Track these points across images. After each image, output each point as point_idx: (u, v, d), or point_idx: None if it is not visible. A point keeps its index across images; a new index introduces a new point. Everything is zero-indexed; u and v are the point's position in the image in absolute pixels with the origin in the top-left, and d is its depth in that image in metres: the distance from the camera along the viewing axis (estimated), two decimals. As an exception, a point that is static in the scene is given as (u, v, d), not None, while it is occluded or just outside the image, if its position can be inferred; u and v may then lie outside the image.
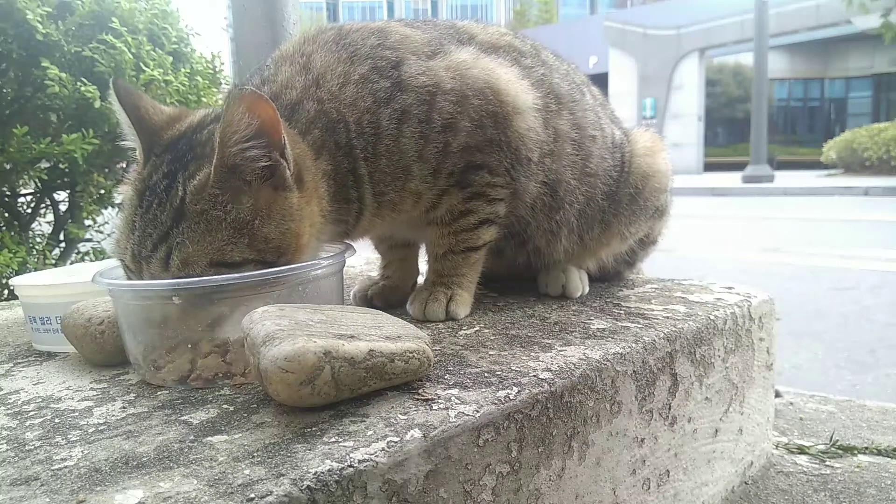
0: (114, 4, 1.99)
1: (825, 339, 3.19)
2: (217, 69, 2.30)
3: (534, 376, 0.82)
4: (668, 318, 1.10)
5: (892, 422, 1.59)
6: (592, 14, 35.76)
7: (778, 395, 1.73)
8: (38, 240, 2.27)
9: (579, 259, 1.33)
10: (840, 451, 1.40)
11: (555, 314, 1.14)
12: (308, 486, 0.58)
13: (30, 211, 2.26)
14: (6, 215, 2.18)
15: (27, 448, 0.69)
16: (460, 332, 1.03)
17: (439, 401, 0.74)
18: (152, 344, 0.87)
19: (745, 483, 1.25)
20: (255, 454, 0.63)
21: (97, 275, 0.90)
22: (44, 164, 2.07)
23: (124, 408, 0.79)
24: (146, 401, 0.81)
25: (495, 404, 0.74)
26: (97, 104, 1.86)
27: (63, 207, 2.27)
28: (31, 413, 0.80)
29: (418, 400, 0.75)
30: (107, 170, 2.19)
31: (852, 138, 15.03)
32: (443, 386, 0.79)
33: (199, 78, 2.18)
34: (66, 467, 0.64)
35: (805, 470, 1.32)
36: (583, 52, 21.13)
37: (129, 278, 0.90)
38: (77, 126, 1.94)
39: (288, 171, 0.89)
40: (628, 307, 1.18)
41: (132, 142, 0.96)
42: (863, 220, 7.77)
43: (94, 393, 0.86)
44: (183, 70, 2.14)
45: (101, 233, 2.54)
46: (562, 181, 1.19)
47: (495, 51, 1.15)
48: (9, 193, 2.18)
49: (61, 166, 2.08)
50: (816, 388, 1.97)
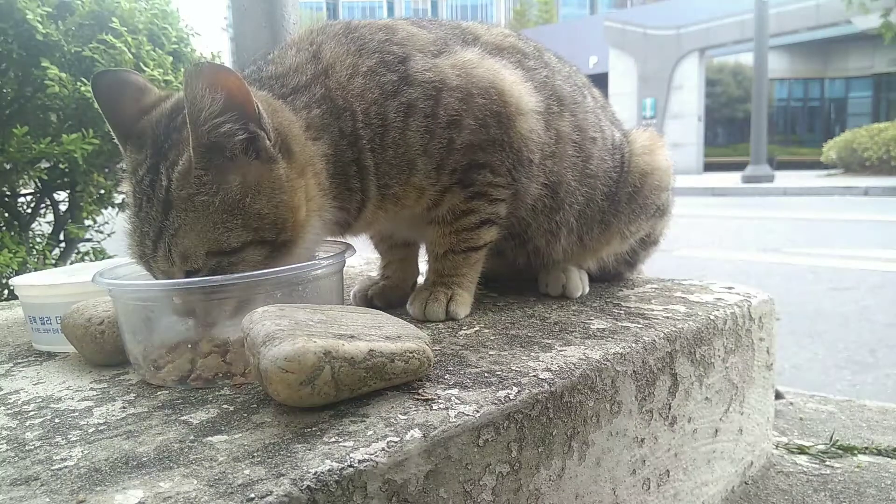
0: (114, 4, 1.99)
1: (825, 339, 3.19)
2: (217, 69, 2.29)
3: (534, 376, 0.82)
4: (668, 318, 1.10)
5: (892, 422, 1.59)
6: (592, 14, 35.78)
7: (779, 396, 1.72)
8: (38, 240, 2.27)
9: (579, 259, 1.33)
10: (840, 451, 1.40)
11: (555, 314, 1.14)
12: (308, 486, 0.58)
13: (30, 211, 2.26)
14: (6, 215, 2.18)
15: (27, 448, 0.69)
16: (460, 332, 1.03)
17: (439, 401, 0.74)
18: (161, 343, 0.87)
19: (745, 483, 1.25)
20: (255, 454, 0.63)
21: (97, 275, 0.90)
22: (44, 164, 2.07)
23: (124, 408, 0.79)
24: (146, 401, 0.81)
25: (495, 404, 0.74)
26: (97, 104, 1.86)
27: (63, 207, 2.27)
28: (31, 413, 0.80)
29: (418, 400, 0.75)
30: (107, 170, 2.19)
31: (852, 138, 15.02)
32: (443, 386, 0.79)
33: (199, 78, 2.17)
34: (66, 467, 0.64)
35: (805, 470, 1.32)
36: (583, 53, 21.14)
37: (157, 278, 0.90)
38: (77, 126, 1.94)
39: (268, 140, 0.87)
40: (628, 307, 1.18)
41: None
42: (863, 220, 7.77)
43: (94, 393, 0.85)
44: (183, 70, 2.14)
45: (101, 233, 2.54)
46: (562, 182, 1.20)
47: (499, 52, 1.16)
48: (9, 193, 2.18)
49: (61, 166, 2.08)
50: (816, 388, 1.97)
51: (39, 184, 2.18)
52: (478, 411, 0.72)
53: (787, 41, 20.74)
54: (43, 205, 2.27)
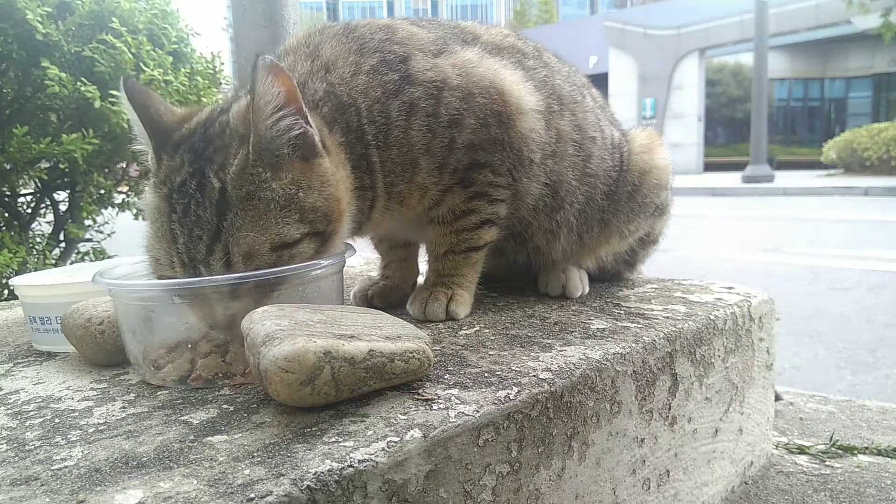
0: (114, 4, 1.99)
1: (825, 339, 3.19)
2: (217, 69, 2.30)
3: (534, 376, 0.82)
4: (668, 318, 1.10)
5: (892, 422, 1.59)
6: (592, 14, 35.81)
7: (778, 397, 1.72)
8: (38, 240, 2.27)
9: (579, 258, 1.33)
10: (840, 451, 1.40)
11: (555, 314, 1.14)
12: (308, 486, 0.58)
13: (30, 211, 2.26)
14: (6, 215, 2.18)
15: (27, 448, 0.69)
16: (460, 332, 1.03)
17: (439, 401, 0.74)
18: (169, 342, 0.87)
19: (745, 483, 1.25)
20: (255, 454, 0.63)
21: (97, 275, 0.90)
22: (44, 164, 2.07)
23: (124, 408, 0.79)
24: (146, 401, 0.81)
25: (495, 404, 0.74)
26: (97, 104, 1.86)
27: (63, 207, 2.27)
28: (31, 413, 0.80)
29: (418, 400, 0.75)
30: (107, 170, 2.20)
31: (852, 138, 15.03)
32: (443, 386, 0.79)
33: (199, 78, 2.18)
34: (66, 467, 0.64)
35: (805, 470, 1.32)
36: (583, 52, 21.15)
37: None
38: (77, 126, 1.94)
39: (316, 136, 0.90)
40: (628, 307, 1.18)
41: (143, 143, 0.95)
42: (863, 220, 7.77)
43: (94, 393, 0.86)
44: (183, 70, 2.14)
45: (101, 233, 2.55)
46: (563, 182, 1.20)
47: (499, 52, 1.16)
48: (9, 193, 2.18)
49: (61, 166, 2.08)
50: (816, 388, 1.97)
51: (39, 184, 2.18)
52: (478, 411, 0.72)
53: (787, 41, 20.74)
54: (43, 205, 2.28)
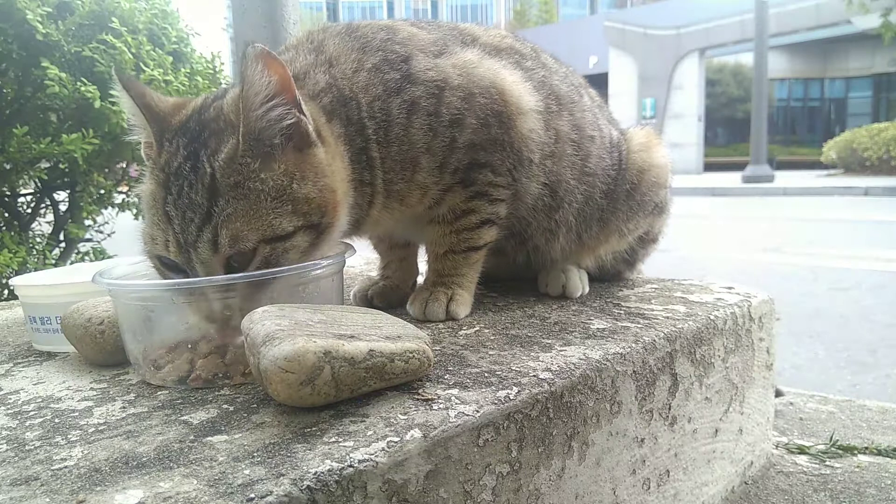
0: (114, 4, 1.99)
1: (825, 339, 3.19)
2: (217, 69, 2.30)
3: (534, 376, 0.82)
4: (668, 318, 1.10)
5: (892, 422, 1.59)
6: (592, 14, 35.77)
7: (779, 393, 1.72)
8: (38, 240, 2.27)
9: (578, 257, 1.33)
10: (840, 451, 1.40)
11: (555, 314, 1.14)
12: (308, 486, 0.58)
13: (30, 211, 2.26)
14: (6, 215, 2.18)
15: (27, 448, 0.69)
16: (460, 332, 1.03)
17: (439, 401, 0.74)
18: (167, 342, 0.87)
19: (745, 483, 1.25)
20: (255, 454, 0.63)
21: (97, 275, 0.90)
22: (44, 164, 2.07)
23: (124, 408, 0.79)
24: (146, 401, 0.81)
25: (495, 404, 0.74)
26: (97, 104, 1.86)
27: (63, 207, 2.27)
28: (31, 413, 0.80)
29: (418, 400, 0.75)
30: (107, 170, 2.19)
31: (852, 138, 15.02)
32: (443, 386, 0.79)
33: (199, 78, 2.18)
34: (66, 467, 0.64)
35: (805, 470, 1.32)
36: (583, 52, 21.15)
37: (165, 276, 0.89)
38: (77, 126, 1.94)
39: (310, 125, 0.89)
40: (628, 307, 1.18)
41: (141, 131, 0.94)
42: (863, 220, 7.77)
43: (94, 393, 0.85)
44: (183, 70, 2.14)
45: (101, 233, 2.55)
46: (562, 181, 1.20)
47: (497, 53, 1.17)
48: (9, 193, 2.18)
49: (61, 166, 2.08)
50: (816, 388, 1.97)
51: (39, 184, 2.18)
52: (478, 411, 0.72)
53: (787, 41, 20.73)
54: (43, 205, 2.28)
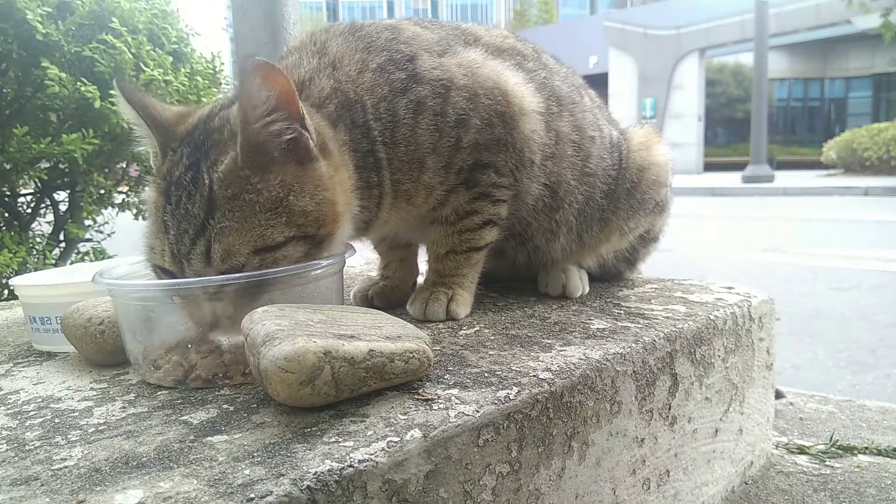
0: (114, 4, 1.99)
1: (825, 339, 3.19)
2: (217, 69, 2.30)
3: (534, 376, 0.82)
4: (668, 318, 1.10)
5: (892, 422, 1.59)
6: (592, 14, 35.79)
7: (780, 395, 1.72)
8: (38, 240, 2.27)
9: (579, 257, 1.33)
10: (840, 451, 1.40)
11: (555, 314, 1.14)
12: (308, 486, 0.58)
13: (30, 211, 2.26)
14: (6, 215, 2.18)
15: (27, 448, 0.69)
16: (460, 332, 1.03)
17: (439, 401, 0.74)
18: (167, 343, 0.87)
19: (745, 483, 1.25)
20: (255, 454, 0.63)
21: (97, 275, 0.90)
22: (44, 164, 2.07)
23: (124, 408, 0.79)
24: (146, 401, 0.81)
25: (495, 404, 0.74)
26: (97, 104, 1.86)
27: (63, 207, 2.27)
28: (31, 413, 0.80)
29: (418, 400, 0.75)
30: (107, 170, 2.19)
31: (852, 138, 15.02)
32: (443, 386, 0.79)
33: (199, 78, 2.18)
34: (66, 467, 0.64)
35: (805, 470, 1.32)
36: (583, 52, 21.14)
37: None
38: (77, 126, 1.94)
39: (311, 141, 0.88)
40: (628, 307, 1.18)
41: (146, 141, 0.94)
42: (863, 220, 7.77)
43: (94, 393, 0.85)
44: (183, 70, 2.14)
45: (101, 233, 2.54)
46: (562, 182, 1.20)
47: (500, 54, 1.17)
48: (9, 193, 2.18)
49: (61, 166, 2.08)
50: (816, 388, 1.97)
51: (39, 184, 2.18)
52: (478, 411, 0.72)
53: (787, 41, 20.72)
54: (43, 205, 2.27)
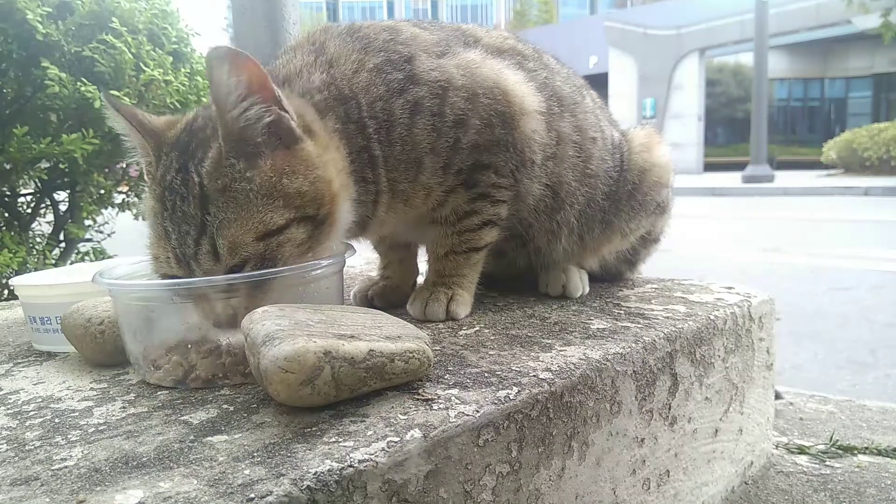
0: (114, 4, 1.99)
1: (825, 339, 3.19)
2: (217, 69, 2.29)
3: (534, 376, 0.82)
4: (668, 318, 1.10)
5: (892, 422, 1.59)
6: (592, 14, 35.75)
7: (778, 396, 1.72)
8: (38, 240, 2.27)
9: (580, 258, 1.33)
10: (840, 451, 1.40)
11: (555, 314, 1.14)
12: (308, 486, 0.58)
13: (30, 211, 2.26)
14: (6, 215, 2.18)
15: (27, 448, 0.69)
16: (460, 332, 1.03)
17: (439, 401, 0.74)
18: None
19: (745, 483, 1.25)
20: (255, 454, 0.63)
21: (97, 275, 0.90)
22: (44, 164, 2.07)
23: (124, 408, 0.79)
24: (146, 401, 0.81)
25: (495, 404, 0.74)
26: (97, 104, 1.86)
27: (63, 207, 2.27)
28: (31, 413, 0.80)
29: (418, 400, 0.75)
30: (107, 170, 2.19)
31: (852, 138, 15.01)
32: (443, 386, 0.79)
33: (199, 78, 2.18)
34: (66, 467, 0.64)
35: (805, 470, 1.32)
36: (583, 52, 21.14)
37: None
38: (77, 126, 1.94)
39: (293, 121, 0.88)
40: (628, 307, 1.18)
41: (140, 151, 0.94)
42: (863, 220, 7.77)
43: (94, 393, 0.86)
44: (183, 70, 2.14)
45: (101, 233, 2.54)
46: (563, 183, 1.20)
47: (500, 54, 1.17)
48: (9, 193, 2.18)
49: (61, 166, 2.08)
50: (816, 388, 1.97)
51: (39, 184, 2.18)
52: (478, 411, 0.72)
53: (787, 41, 20.72)
54: (43, 205, 2.27)
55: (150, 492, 0.57)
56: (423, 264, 1.27)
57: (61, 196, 2.28)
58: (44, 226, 2.33)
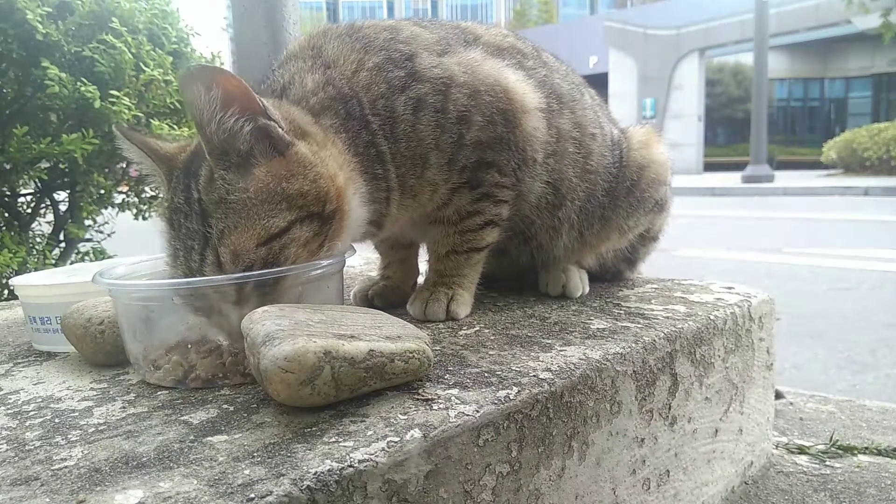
0: (114, 4, 1.98)
1: (825, 339, 3.19)
2: (217, 69, 2.29)
3: (534, 376, 0.82)
4: (668, 318, 1.10)
5: (892, 422, 1.59)
6: (592, 14, 35.77)
7: (779, 395, 1.73)
8: (38, 240, 2.27)
9: (580, 255, 1.33)
10: (840, 451, 1.40)
11: (555, 314, 1.14)
12: (308, 486, 0.58)
13: (30, 211, 2.26)
14: (6, 215, 2.18)
15: (27, 448, 0.69)
16: (460, 332, 1.03)
17: (439, 401, 0.74)
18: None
19: (745, 483, 1.25)
20: (255, 454, 0.63)
21: (97, 275, 0.90)
22: (44, 164, 2.07)
23: (124, 408, 0.79)
24: (146, 401, 0.81)
25: (495, 404, 0.74)
26: (97, 104, 1.86)
27: (63, 207, 2.27)
28: (31, 413, 0.80)
29: (418, 400, 0.75)
30: (107, 170, 2.19)
31: (852, 138, 15.01)
32: (443, 386, 0.79)
33: (199, 78, 2.17)
34: (66, 467, 0.64)
35: (805, 470, 1.32)
36: (583, 52, 21.14)
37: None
38: (77, 126, 1.94)
39: (280, 128, 0.88)
40: (628, 307, 1.18)
41: (154, 178, 0.96)
42: (863, 220, 7.77)
43: (94, 393, 0.86)
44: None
45: (101, 233, 2.54)
46: (564, 179, 1.21)
47: (500, 53, 1.17)
48: (9, 193, 2.18)
49: (61, 166, 2.08)
50: (816, 388, 1.97)
51: (39, 184, 2.18)
52: (478, 411, 0.72)
53: (787, 41, 20.72)
54: (43, 205, 2.27)
55: (150, 492, 0.57)
56: (423, 264, 1.28)
57: (61, 196, 2.28)
58: (44, 226, 2.33)
